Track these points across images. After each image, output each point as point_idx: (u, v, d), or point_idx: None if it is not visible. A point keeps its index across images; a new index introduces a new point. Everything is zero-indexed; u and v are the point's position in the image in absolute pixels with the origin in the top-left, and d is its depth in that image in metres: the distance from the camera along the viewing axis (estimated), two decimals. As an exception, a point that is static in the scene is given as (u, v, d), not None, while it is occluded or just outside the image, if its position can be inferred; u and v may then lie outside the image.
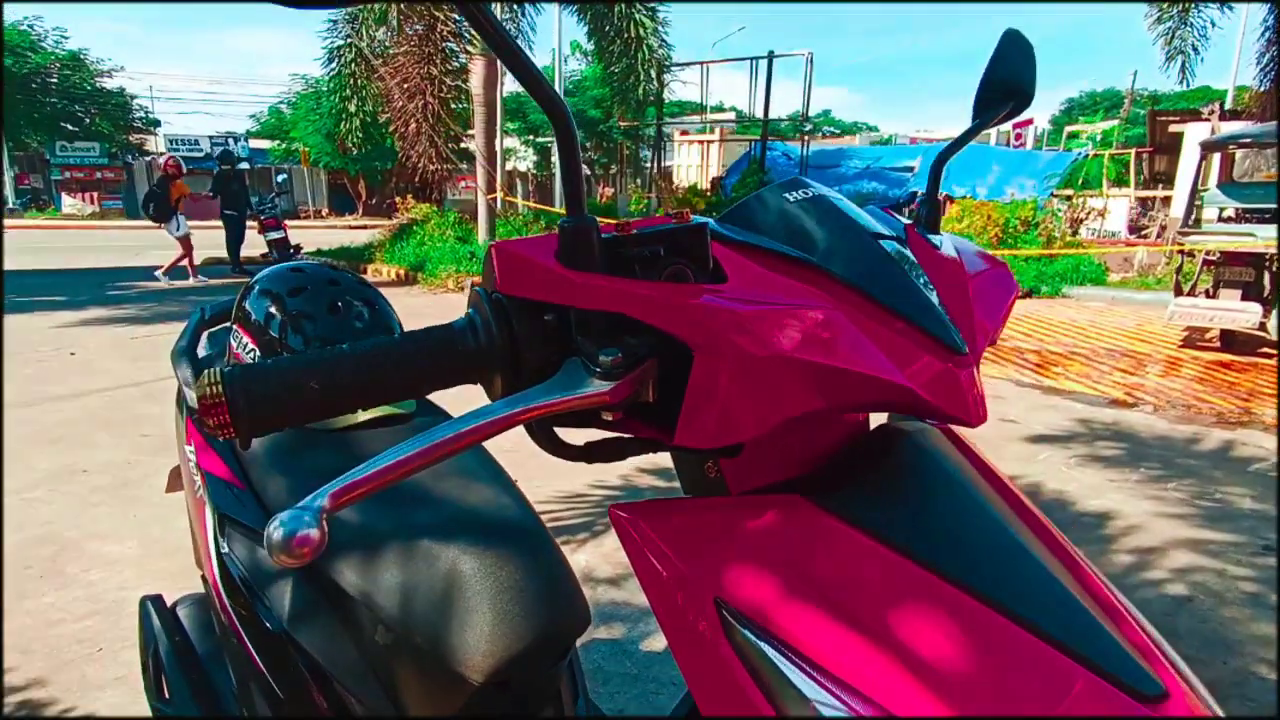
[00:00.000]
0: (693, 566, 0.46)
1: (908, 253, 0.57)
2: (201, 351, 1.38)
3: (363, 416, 1.14)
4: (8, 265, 11.59)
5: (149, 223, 10.36)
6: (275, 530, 0.41)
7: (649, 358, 0.45)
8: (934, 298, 0.52)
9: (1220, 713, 0.48)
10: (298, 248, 11.86)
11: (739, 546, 0.47)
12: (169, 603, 1.44)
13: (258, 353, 1.15)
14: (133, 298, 8.87)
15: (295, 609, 0.95)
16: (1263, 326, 5.57)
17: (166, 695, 1.30)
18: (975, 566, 0.46)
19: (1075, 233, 11.12)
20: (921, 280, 0.54)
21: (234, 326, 1.21)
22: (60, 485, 3.28)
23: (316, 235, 18.00)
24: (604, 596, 2.36)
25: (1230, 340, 6.12)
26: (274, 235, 11.32)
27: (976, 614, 0.44)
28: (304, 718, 0.95)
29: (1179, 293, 6.20)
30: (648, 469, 3.37)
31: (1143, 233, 13.00)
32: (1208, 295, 6.07)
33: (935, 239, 0.64)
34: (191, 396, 1.23)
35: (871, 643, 0.42)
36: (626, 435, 0.54)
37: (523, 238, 0.58)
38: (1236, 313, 5.68)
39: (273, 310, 1.17)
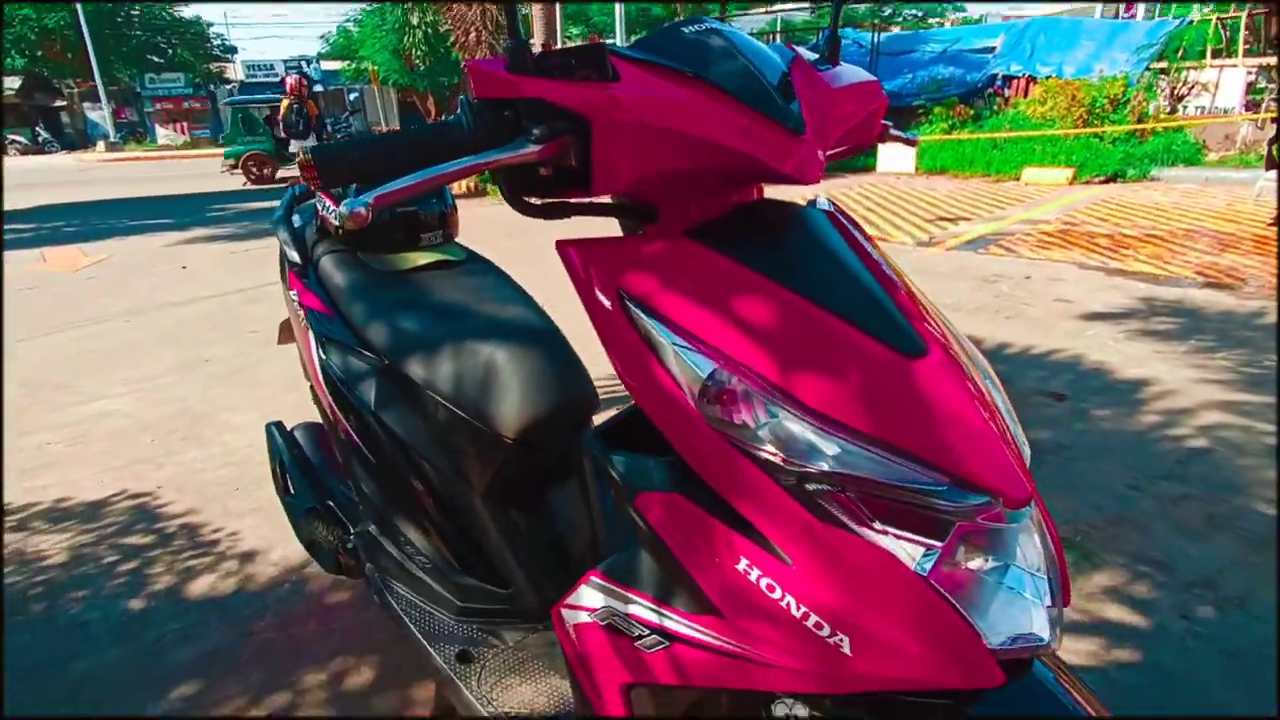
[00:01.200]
0: (603, 270, 0.71)
1: (782, 66, 0.75)
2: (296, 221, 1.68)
3: (420, 261, 1.41)
4: (123, 194, 12.51)
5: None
6: (343, 208, 0.66)
7: (566, 132, 0.67)
8: (791, 102, 0.71)
9: (978, 368, 0.69)
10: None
11: (635, 260, 0.70)
12: (288, 427, 1.81)
13: (334, 207, 1.42)
14: (230, 218, 9.51)
15: (379, 397, 1.26)
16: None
17: (291, 491, 1.67)
18: (794, 272, 0.68)
19: (1174, 110, 10.29)
20: (783, 83, 0.73)
21: (318, 193, 1.48)
22: (186, 373, 3.79)
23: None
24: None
25: (1324, 215, 5.75)
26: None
27: (792, 302, 0.66)
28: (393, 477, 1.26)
29: (1270, 165, 5.82)
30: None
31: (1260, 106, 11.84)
32: None
33: (824, 66, 0.83)
34: (292, 255, 1.53)
35: (716, 314, 0.65)
36: (569, 200, 0.76)
37: (481, 59, 0.80)
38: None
39: (346, 180, 1.43)
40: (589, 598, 0.81)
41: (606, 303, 0.69)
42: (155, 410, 3.31)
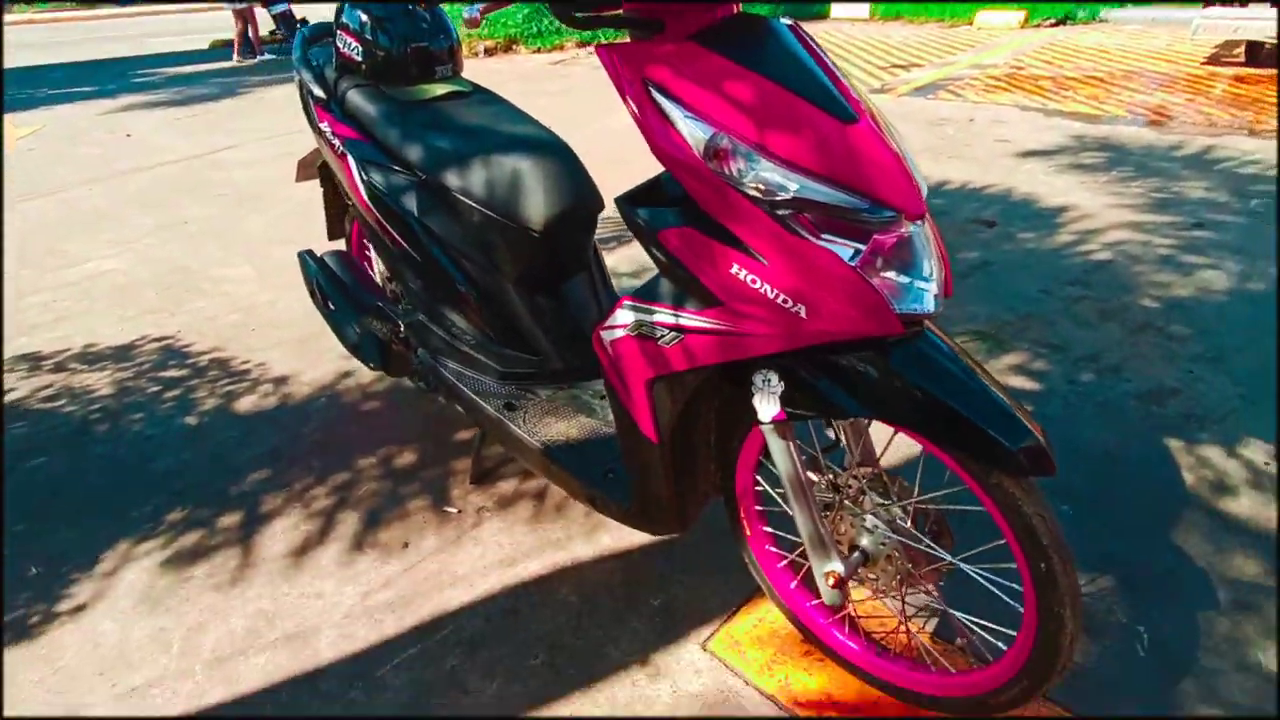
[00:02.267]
0: (631, 67, 0.97)
1: None
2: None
3: (437, 92, 1.62)
4: (21, 61, 11.61)
5: (142, 10, 10.17)
6: (466, 13, 0.89)
7: None
8: None
9: (893, 133, 0.98)
10: (303, 20, 11.57)
11: (654, 58, 0.96)
12: (318, 254, 2.05)
13: (359, 47, 1.61)
14: (160, 83, 9.02)
15: (421, 206, 1.51)
16: (1286, 34, 5.49)
17: (332, 306, 1.93)
18: (764, 63, 0.94)
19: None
20: None
21: (338, 33, 1.65)
22: (168, 234, 3.90)
23: (321, 9, 17.19)
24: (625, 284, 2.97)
25: (1255, 54, 6.03)
26: (278, 9, 11.05)
27: (764, 85, 0.93)
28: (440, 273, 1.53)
29: (1209, 2, 6.01)
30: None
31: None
32: (1239, 3, 5.89)
33: None
34: (316, 91, 1.72)
35: (712, 94, 0.93)
36: (602, 14, 1.00)
37: None
38: (1260, 20, 5.58)
39: (364, 18, 1.61)
40: (623, 317, 1.12)
41: (634, 87, 0.96)
42: (149, 268, 3.46)
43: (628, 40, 1.02)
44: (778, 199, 0.92)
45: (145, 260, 3.56)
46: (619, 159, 2.56)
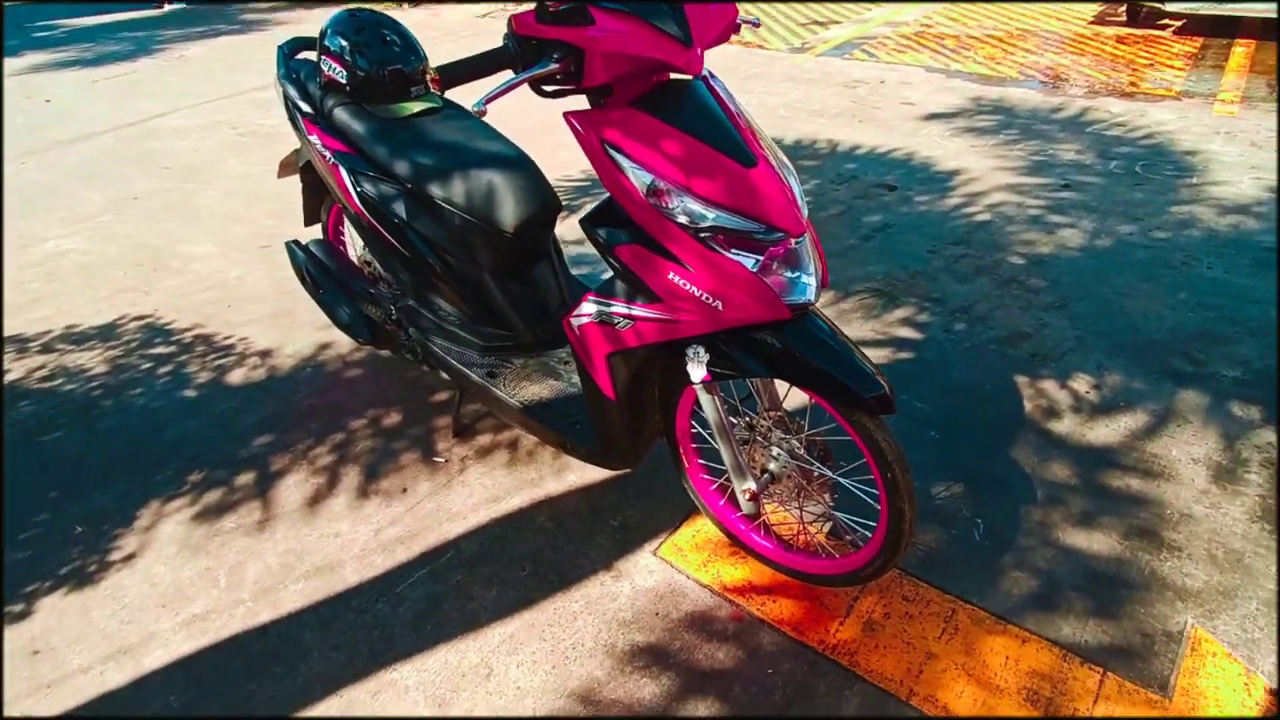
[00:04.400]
0: (591, 126, 1.31)
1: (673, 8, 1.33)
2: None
3: (414, 109, 1.91)
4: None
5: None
6: (474, 107, 1.21)
7: (569, 55, 1.24)
8: (684, 23, 1.29)
9: (784, 166, 1.35)
10: None
11: (608, 122, 1.30)
12: (304, 243, 2.32)
13: (342, 70, 1.87)
14: (64, 38, 8.62)
15: (409, 212, 1.81)
16: (1160, -3, 6.04)
17: (322, 290, 2.22)
18: (687, 122, 1.29)
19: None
20: (669, 10, 1.31)
21: (321, 56, 1.91)
22: (123, 209, 4.00)
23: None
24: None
25: (1135, 15, 6.59)
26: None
27: (686, 140, 1.28)
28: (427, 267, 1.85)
29: (1095, -33, 6.50)
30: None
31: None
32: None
33: None
34: (304, 106, 1.97)
35: (650, 149, 1.28)
36: (565, 88, 1.33)
37: (519, 12, 1.32)
38: (1139, -15, 6.10)
39: (344, 43, 1.87)
40: (587, 308, 1.48)
41: (597, 149, 1.30)
42: (112, 246, 3.60)
43: (586, 107, 1.35)
44: (700, 225, 1.29)
45: (106, 238, 3.68)
46: (547, 128, 2.86)
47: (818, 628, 1.67)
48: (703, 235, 1.30)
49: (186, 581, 1.87)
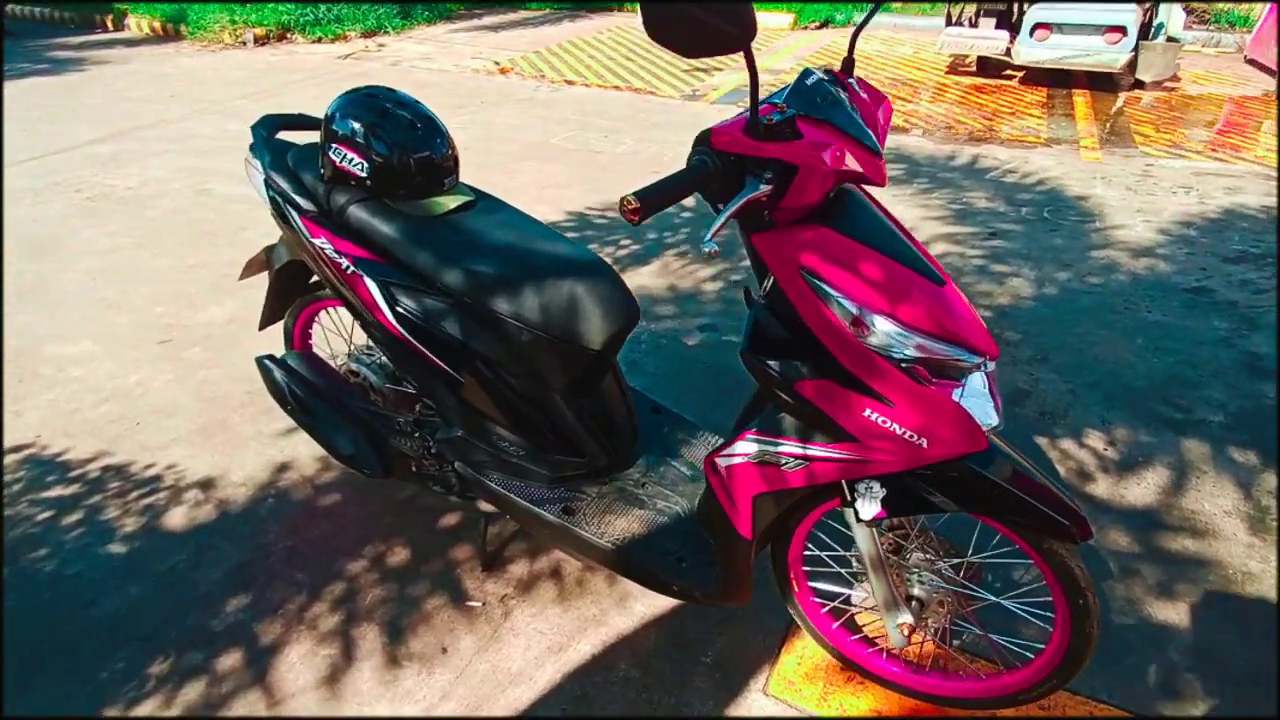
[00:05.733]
0: (785, 251, 1.12)
1: (844, 95, 1.18)
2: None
3: (450, 205, 1.62)
4: None
5: None
6: (705, 248, 0.98)
7: (782, 173, 1.05)
8: (866, 129, 1.14)
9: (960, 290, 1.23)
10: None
11: (800, 244, 1.12)
12: (277, 357, 1.91)
13: (360, 161, 1.55)
14: None
15: (465, 330, 1.52)
16: (1008, 52, 6.68)
17: (313, 416, 1.83)
18: (878, 239, 1.14)
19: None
20: (856, 114, 1.16)
21: (331, 144, 1.57)
22: (-48, 302, 3.24)
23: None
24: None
25: (985, 65, 7.26)
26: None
27: (884, 261, 1.13)
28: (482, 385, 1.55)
29: (949, 23, 7.12)
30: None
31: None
32: (970, 24, 7.04)
33: (852, 81, 1.25)
34: (303, 204, 1.62)
35: (851, 275, 1.11)
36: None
37: (725, 122, 1.11)
38: (990, 39, 6.73)
39: (358, 127, 1.55)
40: (743, 447, 1.27)
41: (795, 276, 1.11)
42: (-49, 352, 2.88)
43: (777, 232, 1.17)
44: (905, 355, 1.13)
45: (-63, 342, 2.94)
46: (515, 155, 2.61)
47: (970, 759, 1.53)
48: (904, 365, 1.14)
49: (188, 826, 1.43)
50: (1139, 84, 6.62)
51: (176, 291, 3.33)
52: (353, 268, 1.58)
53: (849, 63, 1.34)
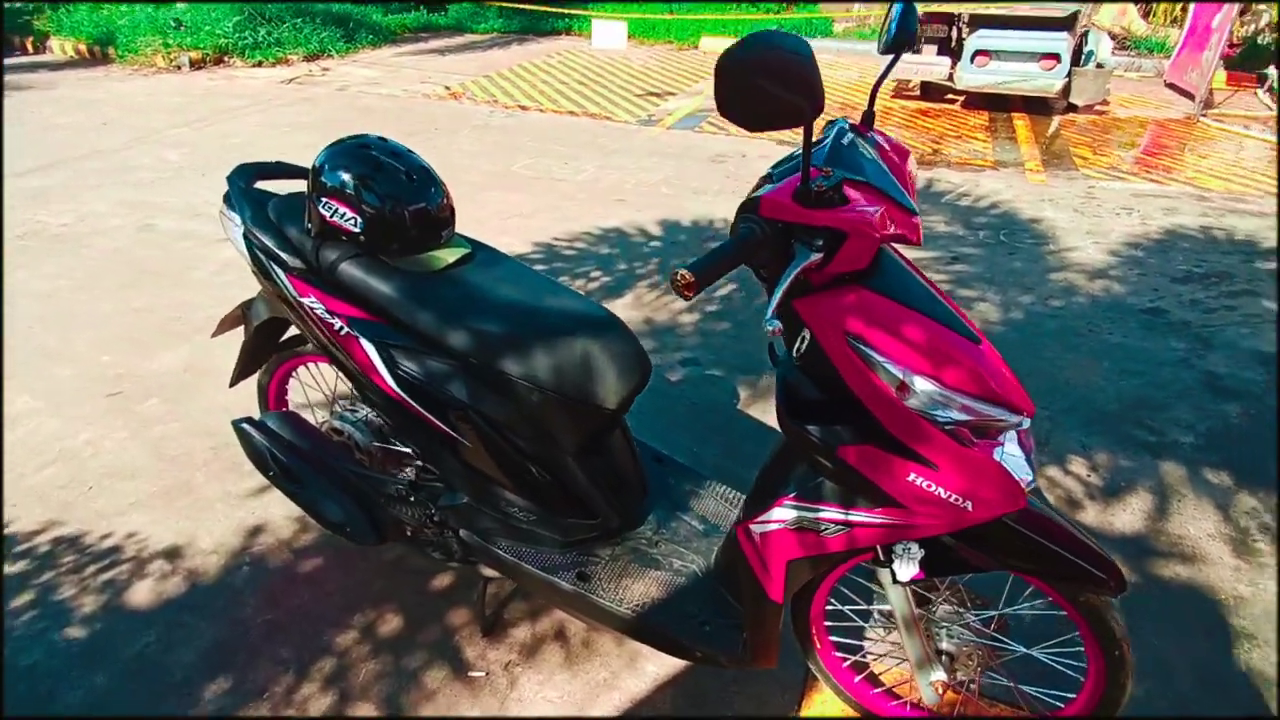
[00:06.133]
0: (831, 316, 1.09)
1: (875, 153, 1.16)
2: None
3: (449, 260, 1.54)
4: None
5: None
6: (768, 325, 0.94)
7: (832, 240, 1.02)
8: (896, 183, 1.12)
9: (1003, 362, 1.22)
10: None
11: (844, 309, 1.09)
12: (256, 420, 1.79)
13: (352, 216, 1.47)
14: None
15: (472, 392, 1.44)
16: (950, 77, 6.92)
17: (299, 479, 1.72)
18: (918, 300, 1.12)
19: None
20: (888, 173, 1.14)
21: (320, 198, 1.48)
22: None
23: None
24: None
25: (927, 89, 7.49)
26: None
27: (926, 323, 1.11)
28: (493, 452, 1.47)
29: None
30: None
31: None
32: (913, 51, 7.27)
33: (876, 138, 1.24)
34: (289, 260, 1.52)
35: (894, 339, 1.08)
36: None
37: (772, 189, 1.07)
38: (933, 65, 6.96)
39: (347, 178, 1.47)
40: (780, 514, 1.23)
41: (839, 344, 1.08)
42: None
43: (819, 296, 1.13)
44: (949, 418, 1.10)
45: None
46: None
47: (1002, 812, 1.51)
48: (949, 426, 1.12)
49: None
50: (1072, 107, 6.92)
51: (123, 338, 3.13)
52: (346, 329, 1.48)
53: (869, 116, 1.33)
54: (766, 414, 2.71)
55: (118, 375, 2.88)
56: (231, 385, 2.02)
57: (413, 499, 1.64)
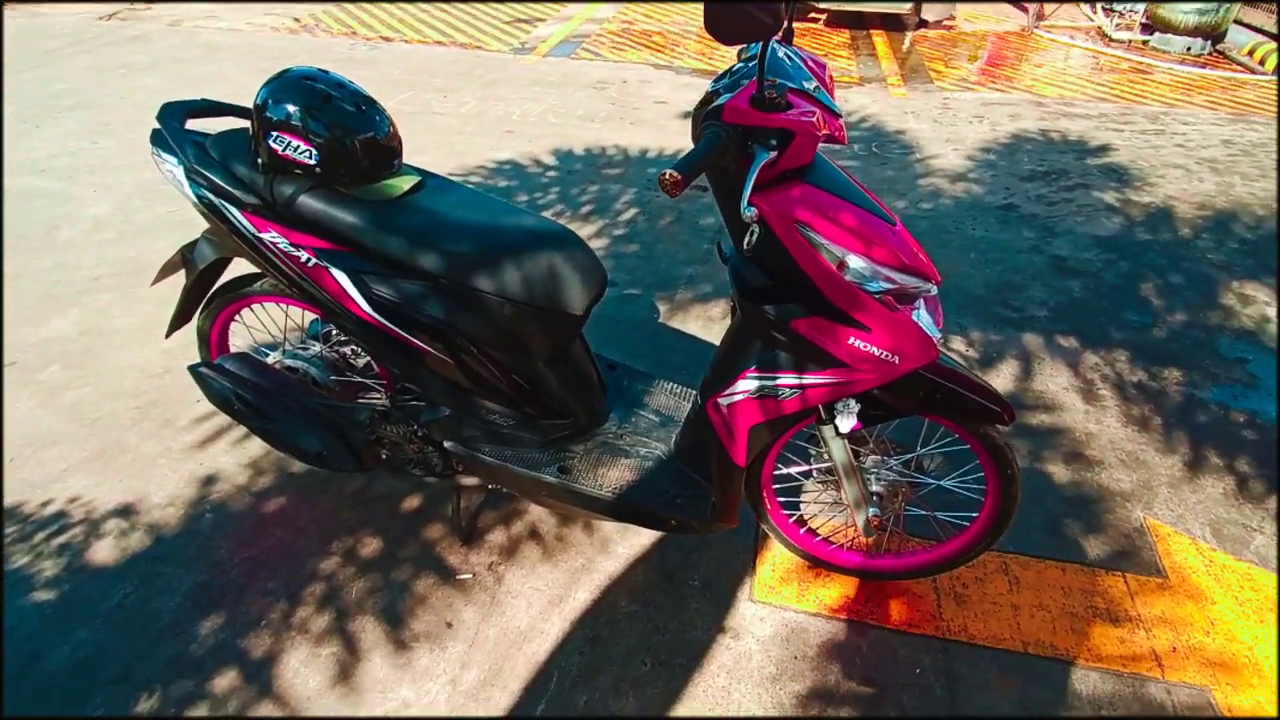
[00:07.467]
0: (784, 208, 1.27)
1: (804, 65, 1.34)
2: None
3: (404, 187, 1.60)
4: None
5: None
6: (745, 213, 1.10)
7: (785, 140, 1.19)
8: (824, 91, 1.31)
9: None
10: None
11: (792, 201, 1.27)
12: (214, 363, 1.80)
13: (307, 148, 1.50)
14: None
15: (447, 309, 1.53)
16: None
17: (270, 416, 1.76)
18: (848, 193, 1.32)
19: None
20: (816, 81, 1.32)
21: (270, 132, 1.49)
22: None
23: None
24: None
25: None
26: None
27: (855, 210, 1.31)
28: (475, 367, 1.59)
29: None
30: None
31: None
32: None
33: (798, 50, 1.41)
34: (244, 197, 1.53)
35: (834, 224, 1.28)
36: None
37: (730, 97, 1.21)
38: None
39: (293, 110, 1.50)
40: (744, 385, 1.43)
41: (791, 229, 1.26)
42: None
43: (772, 191, 1.30)
44: (879, 287, 1.33)
45: None
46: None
47: (925, 618, 1.84)
48: (879, 295, 1.34)
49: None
50: (923, 23, 7.38)
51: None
52: (315, 260, 1.52)
53: (789, 32, 1.49)
54: (686, 324, 2.92)
55: (6, 347, 2.70)
56: (168, 335, 1.99)
57: (393, 418, 1.72)
